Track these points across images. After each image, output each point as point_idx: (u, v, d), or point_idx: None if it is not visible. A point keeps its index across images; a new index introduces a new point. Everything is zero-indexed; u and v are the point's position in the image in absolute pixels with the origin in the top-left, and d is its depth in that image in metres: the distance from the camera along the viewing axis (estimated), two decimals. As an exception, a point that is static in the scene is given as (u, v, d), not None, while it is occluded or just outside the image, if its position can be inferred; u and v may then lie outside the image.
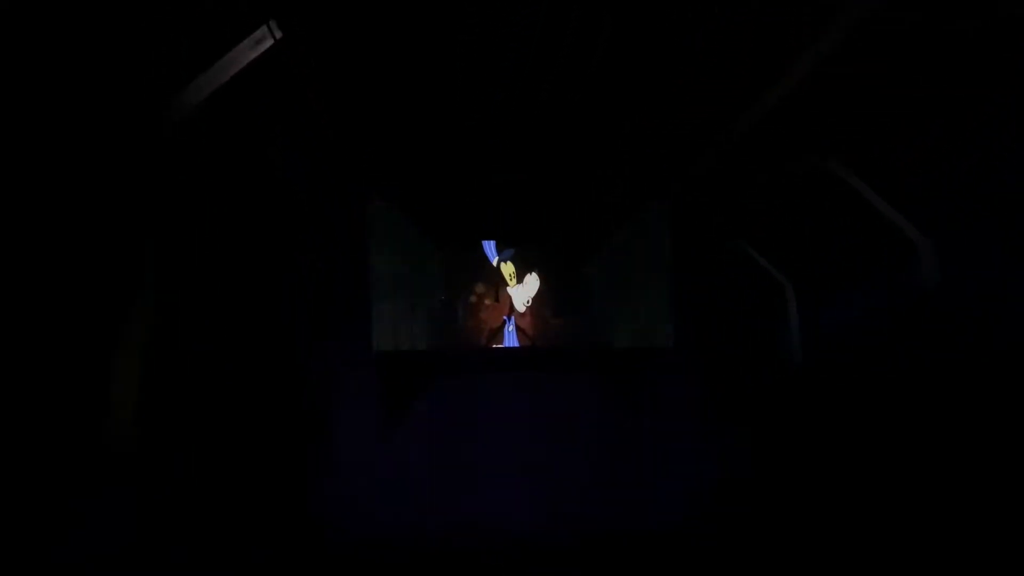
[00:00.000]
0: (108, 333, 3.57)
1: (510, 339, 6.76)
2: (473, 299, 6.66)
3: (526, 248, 6.82)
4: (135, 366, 3.68)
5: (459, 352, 6.60)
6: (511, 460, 6.69)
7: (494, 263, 6.83)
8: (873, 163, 5.43)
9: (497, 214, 6.84)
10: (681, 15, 3.55)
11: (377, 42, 3.73)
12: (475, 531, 6.36)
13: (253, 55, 3.33)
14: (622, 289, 6.47)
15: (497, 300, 6.79)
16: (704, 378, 6.99)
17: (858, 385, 5.88)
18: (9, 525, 2.82)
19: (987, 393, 4.57)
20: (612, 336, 6.59)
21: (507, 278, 6.83)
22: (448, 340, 6.49)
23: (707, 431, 6.85)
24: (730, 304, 7.31)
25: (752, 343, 7.21)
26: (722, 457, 6.77)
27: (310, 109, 4.40)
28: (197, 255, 4.50)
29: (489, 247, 6.82)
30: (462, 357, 6.67)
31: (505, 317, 6.78)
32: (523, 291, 6.86)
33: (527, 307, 6.79)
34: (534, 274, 6.85)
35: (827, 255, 6.51)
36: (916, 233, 5.17)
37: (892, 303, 5.68)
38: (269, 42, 3.30)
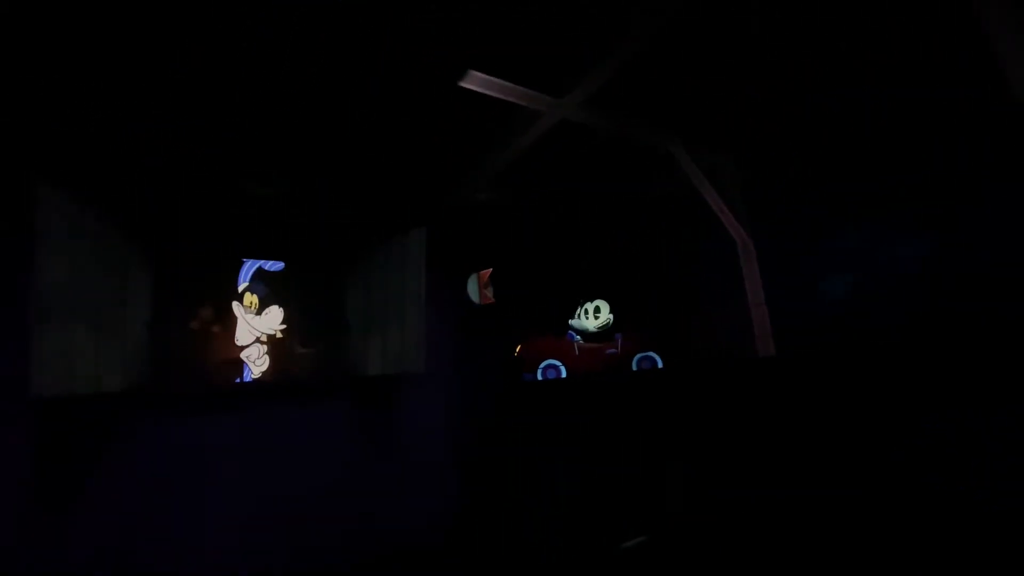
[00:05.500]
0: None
1: (249, 374, 5.70)
2: (196, 326, 5.42)
3: (274, 275, 6.00)
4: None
5: (176, 393, 5.21)
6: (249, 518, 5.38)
7: (240, 288, 5.80)
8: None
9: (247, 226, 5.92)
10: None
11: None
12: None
13: None
14: (378, 315, 6.08)
15: (227, 328, 5.71)
16: (451, 399, 6.90)
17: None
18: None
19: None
20: (366, 363, 6.12)
21: (248, 306, 5.83)
22: (161, 378, 5.10)
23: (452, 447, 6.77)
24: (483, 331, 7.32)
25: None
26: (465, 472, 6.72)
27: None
28: None
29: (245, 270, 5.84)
30: (180, 400, 5.27)
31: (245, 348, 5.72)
32: (265, 322, 5.93)
33: (275, 337, 5.89)
34: (277, 308, 6.00)
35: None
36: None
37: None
38: None
